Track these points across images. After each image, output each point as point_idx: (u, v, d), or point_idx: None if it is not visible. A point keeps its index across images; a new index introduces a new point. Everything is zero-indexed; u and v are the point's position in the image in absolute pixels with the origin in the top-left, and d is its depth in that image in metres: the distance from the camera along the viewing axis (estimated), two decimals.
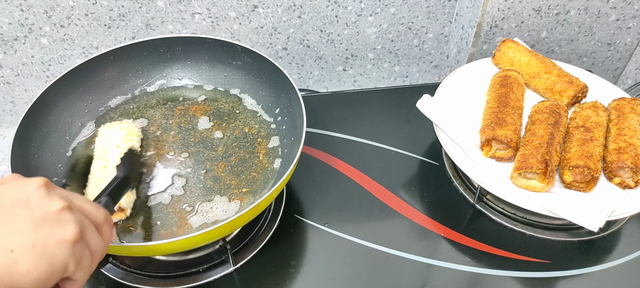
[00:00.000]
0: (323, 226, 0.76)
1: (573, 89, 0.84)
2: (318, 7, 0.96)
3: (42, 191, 0.39)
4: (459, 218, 0.78)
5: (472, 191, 0.81)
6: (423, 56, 1.11)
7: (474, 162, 0.75)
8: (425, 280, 0.70)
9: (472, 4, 0.96)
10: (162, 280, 0.68)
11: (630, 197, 0.71)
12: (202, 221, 0.68)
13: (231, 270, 0.69)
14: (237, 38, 0.99)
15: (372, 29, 1.03)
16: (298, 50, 1.04)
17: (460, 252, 0.73)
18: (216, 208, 0.69)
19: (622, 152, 0.72)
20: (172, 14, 0.93)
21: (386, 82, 1.16)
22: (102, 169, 0.68)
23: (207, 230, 0.58)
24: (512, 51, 0.90)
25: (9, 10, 0.87)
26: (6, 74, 0.96)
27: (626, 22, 1.01)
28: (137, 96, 0.84)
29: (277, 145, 0.78)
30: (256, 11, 0.95)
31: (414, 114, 0.85)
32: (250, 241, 0.73)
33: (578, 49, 1.05)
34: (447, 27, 1.06)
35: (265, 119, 0.82)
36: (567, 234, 0.76)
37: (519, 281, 0.70)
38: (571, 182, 0.72)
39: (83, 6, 0.89)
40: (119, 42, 0.96)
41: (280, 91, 0.80)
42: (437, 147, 0.88)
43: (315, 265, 0.71)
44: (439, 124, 0.79)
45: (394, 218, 0.77)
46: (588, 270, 0.71)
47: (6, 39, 0.91)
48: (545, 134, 0.74)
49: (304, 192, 0.81)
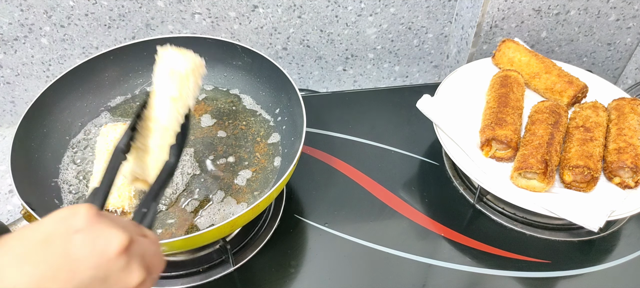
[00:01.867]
0: (323, 226, 0.76)
1: (573, 89, 0.84)
2: (318, 7, 0.96)
3: (122, 261, 0.34)
4: (459, 218, 0.78)
5: (472, 191, 0.81)
6: (423, 56, 1.11)
7: (474, 162, 0.75)
8: (425, 280, 0.70)
9: (472, 4, 0.96)
10: (162, 280, 0.68)
11: (630, 197, 0.71)
12: (202, 221, 0.68)
13: (231, 270, 0.69)
14: (237, 38, 0.99)
15: (372, 29, 1.03)
16: (298, 50, 1.04)
17: (460, 252, 0.73)
18: (216, 208, 0.69)
19: (622, 152, 0.72)
20: (172, 14, 0.93)
21: (386, 82, 1.16)
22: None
23: (207, 230, 0.58)
24: (512, 51, 0.90)
25: (9, 10, 0.87)
26: (6, 74, 0.96)
27: (626, 22, 1.01)
28: (137, 96, 0.84)
29: (277, 145, 0.78)
30: (256, 11, 0.95)
31: (414, 114, 0.85)
32: (250, 241, 0.73)
33: (578, 49, 1.05)
34: (447, 27, 1.06)
35: (265, 118, 0.82)
36: (567, 234, 0.76)
37: (519, 281, 0.70)
38: (571, 182, 0.72)
39: (83, 6, 0.89)
40: (119, 42, 0.96)
41: (280, 91, 0.80)
42: (437, 147, 0.88)
43: (315, 265, 0.71)
44: (439, 124, 0.79)
45: (394, 218, 0.77)
46: (588, 270, 0.71)
47: (6, 39, 0.91)
48: (545, 134, 0.74)
49: (304, 192, 0.81)
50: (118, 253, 0.34)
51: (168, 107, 0.56)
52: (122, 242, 0.35)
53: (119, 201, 0.66)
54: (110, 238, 0.34)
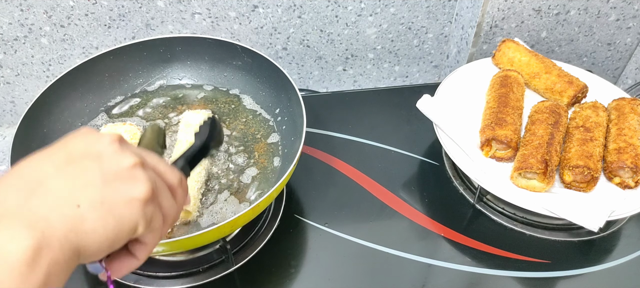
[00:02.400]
0: (323, 226, 0.76)
1: (573, 89, 0.84)
2: (318, 7, 0.96)
3: (115, 146, 0.36)
4: (459, 218, 0.78)
5: (472, 191, 0.81)
6: (423, 56, 1.11)
7: (474, 162, 0.75)
8: (425, 280, 0.70)
9: (472, 4, 0.96)
10: (162, 280, 0.68)
11: (630, 197, 0.71)
12: (203, 221, 0.68)
13: (231, 270, 0.69)
14: (237, 38, 0.99)
15: (372, 29, 1.03)
16: (298, 50, 1.04)
17: (460, 252, 0.73)
18: (216, 208, 0.69)
19: (622, 152, 0.72)
20: (172, 14, 0.93)
21: (386, 82, 1.16)
22: None
23: (207, 230, 0.58)
24: (512, 51, 0.90)
25: (9, 10, 0.87)
26: (6, 74, 0.96)
27: (626, 22, 1.01)
28: (137, 95, 0.84)
29: (277, 144, 0.78)
30: (256, 11, 0.95)
31: (414, 114, 0.85)
32: (250, 241, 0.73)
33: (578, 49, 1.05)
34: (447, 27, 1.06)
35: (265, 118, 0.82)
36: (567, 234, 0.76)
37: (519, 281, 0.70)
38: (571, 182, 0.72)
39: (83, 6, 0.89)
40: (119, 42, 0.96)
41: (280, 91, 0.80)
42: (437, 147, 0.88)
43: (315, 265, 0.71)
44: (439, 123, 0.79)
45: (394, 218, 0.77)
46: (588, 270, 0.71)
47: (6, 39, 0.91)
48: (545, 134, 0.74)
49: (304, 192, 0.81)
50: (111, 141, 0.37)
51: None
52: (114, 135, 0.38)
53: None
54: (106, 133, 0.38)
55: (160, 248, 0.59)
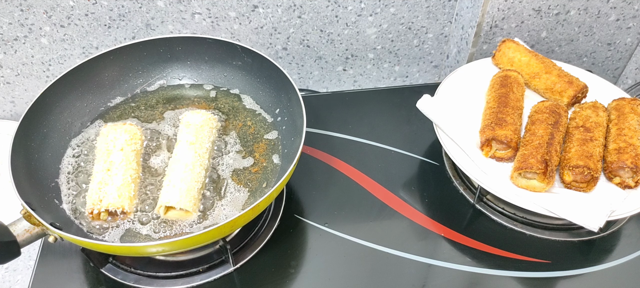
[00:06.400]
0: (323, 226, 0.76)
1: (573, 89, 0.84)
2: (318, 7, 0.96)
3: None
4: (459, 218, 0.78)
5: (472, 191, 0.81)
6: (423, 56, 1.11)
7: (474, 162, 0.75)
8: (425, 280, 0.70)
9: (472, 4, 0.96)
10: (162, 280, 0.68)
11: (630, 197, 0.71)
12: (203, 221, 0.68)
13: (231, 270, 0.69)
14: (237, 38, 0.99)
15: (372, 29, 1.03)
16: (298, 50, 1.04)
17: (460, 252, 0.73)
18: (216, 208, 0.69)
19: (622, 152, 0.72)
20: (172, 14, 0.93)
21: (386, 82, 1.16)
22: (105, 172, 0.68)
23: (207, 230, 0.58)
24: (512, 51, 0.90)
25: (9, 10, 0.87)
26: (6, 74, 0.96)
27: (626, 22, 1.01)
28: (137, 96, 0.84)
29: (277, 144, 0.78)
30: (256, 11, 0.95)
31: (414, 114, 0.85)
32: (250, 241, 0.73)
33: (578, 49, 1.05)
34: (447, 27, 1.06)
35: (265, 118, 0.82)
36: (567, 234, 0.76)
37: (519, 281, 0.70)
38: (571, 182, 0.72)
39: (83, 6, 0.89)
40: (119, 42, 0.96)
41: (280, 91, 0.80)
42: (437, 147, 0.88)
43: (315, 265, 0.71)
44: (439, 124, 0.79)
45: (394, 218, 0.77)
46: (588, 270, 0.71)
47: (6, 39, 0.91)
48: (545, 134, 0.74)
49: (304, 192, 0.81)
50: None
51: (187, 149, 0.72)
52: None
53: (119, 201, 0.66)
54: None
55: (160, 248, 0.59)
